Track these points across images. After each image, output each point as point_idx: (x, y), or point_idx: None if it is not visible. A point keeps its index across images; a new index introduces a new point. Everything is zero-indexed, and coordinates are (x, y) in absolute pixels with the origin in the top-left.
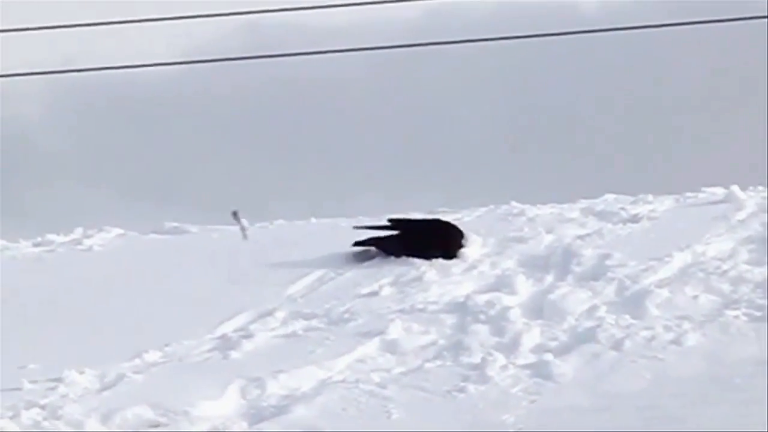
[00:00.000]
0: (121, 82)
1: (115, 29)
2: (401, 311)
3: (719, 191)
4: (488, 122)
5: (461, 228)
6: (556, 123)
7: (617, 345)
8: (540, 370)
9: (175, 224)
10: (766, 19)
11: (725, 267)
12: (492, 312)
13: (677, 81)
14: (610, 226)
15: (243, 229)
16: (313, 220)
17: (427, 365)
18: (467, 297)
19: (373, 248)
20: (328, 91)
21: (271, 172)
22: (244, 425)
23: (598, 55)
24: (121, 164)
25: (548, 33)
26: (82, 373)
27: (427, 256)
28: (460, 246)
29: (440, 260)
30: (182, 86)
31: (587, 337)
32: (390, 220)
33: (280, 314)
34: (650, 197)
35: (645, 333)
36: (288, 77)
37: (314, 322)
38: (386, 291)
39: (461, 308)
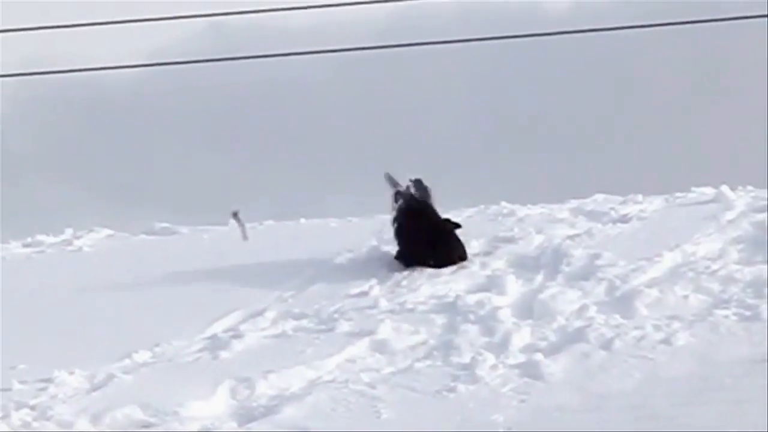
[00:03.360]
0: (88, 83)
1: (80, 31)
2: (391, 311)
3: (709, 191)
4: (470, 123)
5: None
6: (542, 124)
7: (607, 345)
8: (530, 370)
9: (166, 225)
10: (755, 19)
11: (715, 267)
12: (482, 312)
13: (667, 81)
14: (599, 226)
15: (243, 229)
16: (303, 220)
17: (417, 365)
18: (457, 297)
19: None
20: (295, 93)
21: (241, 173)
22: (234, 425)
23: (582, 56)
24: (90, 165)
25: (529, 34)
26: (71, 373)
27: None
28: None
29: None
30: (148, 88)
31: (577, 336)
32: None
33: (270, 314)
34: (640, 197)
35: (635, 333)
36: (254, 79)
37: (304, 323)
38: (376, 291)
39: (451, 308)
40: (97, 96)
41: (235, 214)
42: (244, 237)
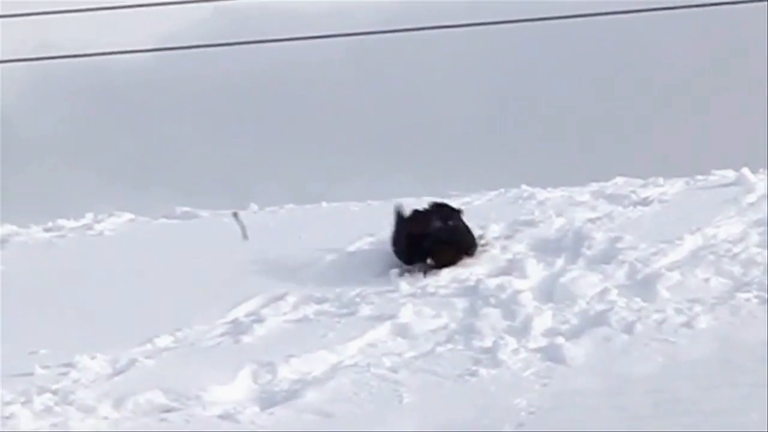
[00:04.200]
0: (98, 69)
1: (90, 16)
2: (412, 295)
3: (730, 174)
4: (489, 107)
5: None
6: (562, 107)
7: (628, 328)
8: (551, 354)
9: (186, 209)
10: None
11: (736, 250)
12: (503, 296)
13: (688, 62)
14: (620, 209)
15: (243, 229)
16: (324, 204)
17: (439, 349)
18: (478, 281)
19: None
20: (306, 77)
21: (254, 157)
22: (256, 409)
23: (602, 38)
24: (106, 150)
25: (546, 17)
26: (93, 358)
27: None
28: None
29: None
30: (158, 73)
31: (598, 320)
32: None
33: (292, 299)
34: (661, 180)
35: (656, 316)
36: (263, 64)
37: (325, 307)
38: (397, 275)
39: (472, 292)
40: (107, 81)
41: (235, 214)
42: (244, 237)
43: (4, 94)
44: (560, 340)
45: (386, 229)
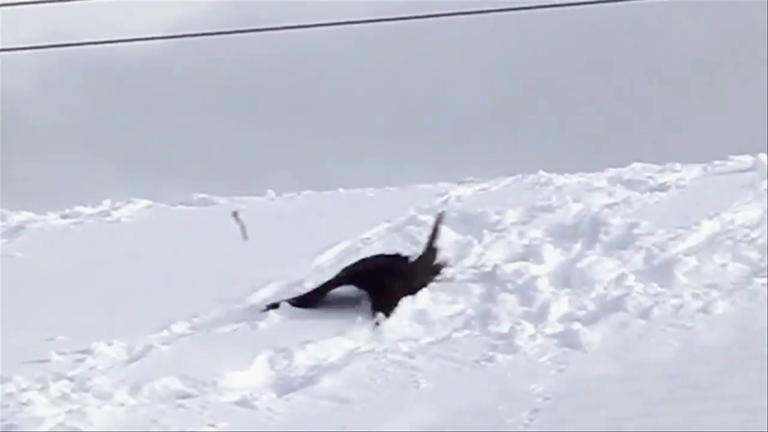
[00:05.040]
0: (111, 56)
1: (102, 3)
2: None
3: (747, 159)
4: (505, 92)
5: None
6: (579, 92)
7: (645, 314)
8: (568, 339)
9: (203, 195)
10: None
11: (753, 235)
12: (520, 281)
13: (704, 46)
14: (637, 194)
15: (243, 228)
16: (341, 190)
17: (456, 335)
18: (495, 266)
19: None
20: (318, 64)
21: (270, 144)
22: (273, 396)
23: (617, 23)
24: (120, 137)
25: (560, 3)
26: (110, 344)
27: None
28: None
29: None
30: (170, 60)
31: (615, 305)
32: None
33: (309, 285)
34: (678, 165)
35: (673, 301)
36: (275, 51)
37: (342, 292)
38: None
39: (489, 278)
40: (120, 69)
41: (234, 214)
42: (244, 237)
43: (17, 82)
44: (577, 325)
45: (404, 215)
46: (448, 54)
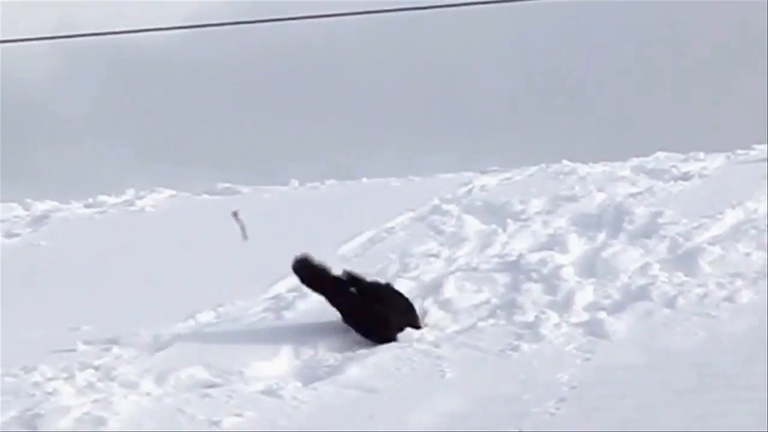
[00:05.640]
0: (131, 46)
1: None
2: (454, 270)
3: None
4: (528, 82)
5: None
6: (602, 82)
7: (670, 302)
8: (593, 328)
9: (227, 185)
10: None
11: None
12: (545, 270)
13: (727, 36)
14: (661, 183)
15: (243, 228)
16: (365, 180)
17: (481, 324)
18: (520, 256)
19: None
20: (346, 54)
21: (292, 134)
22: (299, 385)
23: (641, 13)
24: (142, 126)
25: None
26: (136, 334)
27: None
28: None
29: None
30: (191, 50)
31: (640, 294)
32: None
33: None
34: (701, 155)
35: (698, 290)
36: (301, 40)
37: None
38: (438, 250)
39: (514, 267)
40: (139, 59)
41: (234, 214)
42: (244, 237)
43: (40, 72)
44: (602, 314)
45: (427, 204)
46: (473, 43)
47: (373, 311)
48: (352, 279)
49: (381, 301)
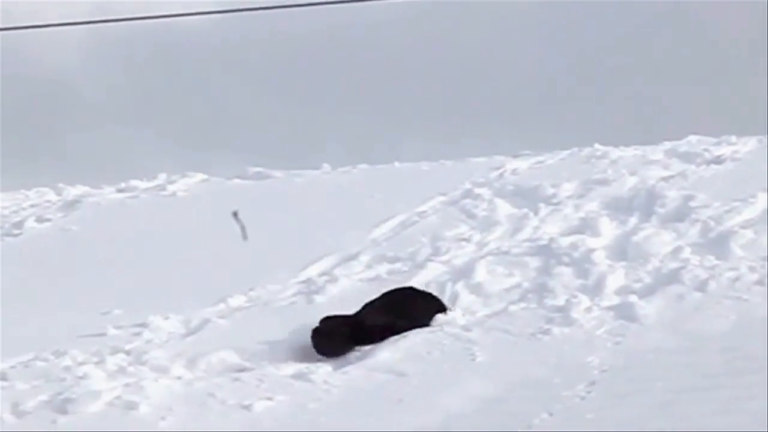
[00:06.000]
0: (161, 31)
1: None
2: (485, 254)
3: None
4: (562, 67)
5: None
6: (634, 66)
7: (701, 286)
8: (624, 312)
9: (259, 169)
10: None
11: None
12: (576, 254)
13: (759, 18)
14: (693, 167)
15: (243, 229)
16: (396, 164)
17: (512, 308)
18: (551, 239)
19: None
20: (379, 38)
21: (324, 118)
22: (329, 369)
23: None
24: (172, 111)
25: None
26: (166, 318)
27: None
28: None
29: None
30: (224, 34)
31: (671, 278)
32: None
33: (365, 258)
34: (733, 138)
35: (729, 274)
36: (335, 24)
37: (398, 266)
38: (470, 234)
39: (545, 251)
40: (170, 44)
41: (234, 214)
42: (244, 237)
43: (71, 58)
44: (633, 298)
45: (459, 188)
46: (505, 27)
47: (402, 328)
48: (370, 311)
49: (403, 315)
